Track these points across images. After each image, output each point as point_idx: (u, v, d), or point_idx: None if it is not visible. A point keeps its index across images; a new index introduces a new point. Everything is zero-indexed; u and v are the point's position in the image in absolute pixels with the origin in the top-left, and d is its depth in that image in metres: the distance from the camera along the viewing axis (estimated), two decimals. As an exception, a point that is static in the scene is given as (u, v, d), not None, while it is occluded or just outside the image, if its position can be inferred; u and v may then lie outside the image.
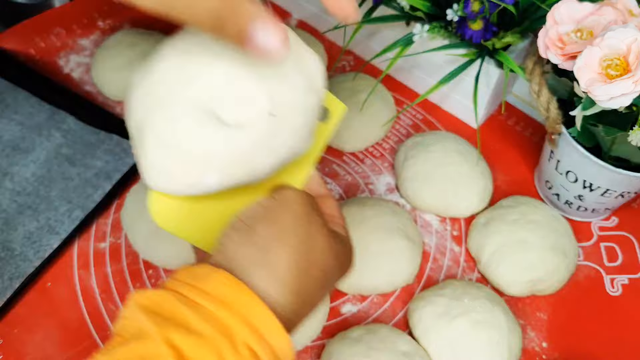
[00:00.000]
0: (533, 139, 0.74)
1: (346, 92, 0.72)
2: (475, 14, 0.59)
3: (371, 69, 0.80)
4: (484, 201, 0.67)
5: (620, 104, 0.48)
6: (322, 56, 0.79)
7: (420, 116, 0.76)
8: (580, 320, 0.60)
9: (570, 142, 0.58)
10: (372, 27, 0.77)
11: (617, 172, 0.56)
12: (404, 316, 0.60)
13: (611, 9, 0.53)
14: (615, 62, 0.49)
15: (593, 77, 0.50)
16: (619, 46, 0.49)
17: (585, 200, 0.63)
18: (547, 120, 0.59)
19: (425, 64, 0.74)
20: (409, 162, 0.67)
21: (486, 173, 0.67)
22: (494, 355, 0.53)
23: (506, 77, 0.62)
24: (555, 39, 0.53)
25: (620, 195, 0.60)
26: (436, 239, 0.65)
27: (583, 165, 0.59)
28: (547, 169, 0.65)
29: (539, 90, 0.59)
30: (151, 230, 0.60)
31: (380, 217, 0.61)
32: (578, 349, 0.58)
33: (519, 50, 0.67)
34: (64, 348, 0.56)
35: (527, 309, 0.61)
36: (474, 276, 0.63)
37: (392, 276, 0.59)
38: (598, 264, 0.64)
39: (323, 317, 0.57)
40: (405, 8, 0.66)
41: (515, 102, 0.78)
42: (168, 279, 0.35)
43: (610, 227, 0.67)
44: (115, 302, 0.59)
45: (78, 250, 0.62)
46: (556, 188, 0.65)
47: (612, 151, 0.56)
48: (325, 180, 0.70)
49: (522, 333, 0.57)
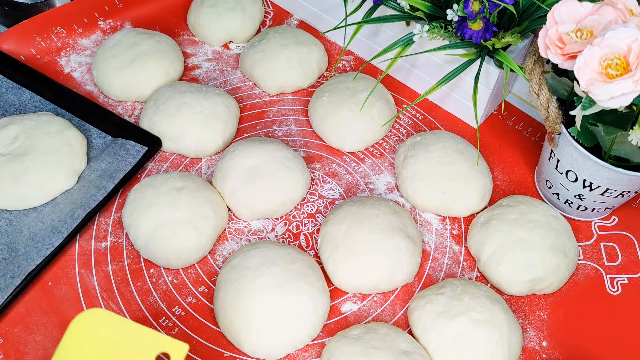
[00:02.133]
0: (533, 138, 0.74)
1: (346, 92, 0.72)
2: (475, 14, 0.59)
3: (371, 69, 0.80)
4: (484, 200, 0.67)
5: (620, 104, 0.48)
6: (322, 56, 0.79)
7: (420, 116, 0.76)
8: (580, 320, 0.60)
9: (570, 142, 0.58)
10: (372, 27, 0.77)
11: (617, 171, 0.57)
12: (404, 315, 0.60)
13: (611, 9, 0.53)
14: (615, 62, 0.49)
15: (593, 76, 0.50)
16: (619, 46, 0.49)
17: (585, 199, 0.63)
18: (546, 119, 0.59)
19: (425, 64, 0.74)
20: (409, 162, 0.67)
21: (486, 172, 0.67)
22: (494, 354, 0.54)
23: (506, 76, 0.62)
24: (555, 39, 0.53)
25: (620, 195, 0.61)
26: (436, 238, 0.65)
27: (583, 164, 0.59)
28: (547, 168, 0.65)
29: (538, 89, 0.59)
30: (152, 229, 0.60)
31: (380, 217, 0.61)
32: (578, 348, 0.58)
33: (519, 50, 0.67)
34: (64, 347, 0.56)
35: (527, 307, 0.61)
36: (474, 275, 0.63)
37: (392, 275, 0.59)
38: (598, 264, 0.64)
39: (323, 315, 0.57)
40: (405, 8, 0.66)
41: (515, 102, 0.78)
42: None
43: (610, 227, 0.67)
44: (116, 302, 0.59)
45: (79, 249, 0.62)
46: (556, 187, 0.65)
47: (612, 151, 0.56)
48: (326, 179, 0.70)
49: (522, 332, 0.57)
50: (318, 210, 0.67)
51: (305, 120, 0.75)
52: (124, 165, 0.66)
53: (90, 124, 0.70)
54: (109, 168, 0.66)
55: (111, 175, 0.65)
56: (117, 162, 0.66)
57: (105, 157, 0.67)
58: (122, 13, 0.83)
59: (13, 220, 0.62)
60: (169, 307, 0.59)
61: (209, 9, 0.81)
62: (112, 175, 0.65)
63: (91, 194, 0.64)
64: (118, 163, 0.66)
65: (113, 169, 0.66)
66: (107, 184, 0.64)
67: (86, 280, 0.60)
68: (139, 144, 0.68)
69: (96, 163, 0.67)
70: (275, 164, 0.65)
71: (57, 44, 0.79)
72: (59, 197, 0.64)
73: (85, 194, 0.64)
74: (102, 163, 0.67)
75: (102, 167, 0.66)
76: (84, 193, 0.64)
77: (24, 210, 0.63)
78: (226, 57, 0.81)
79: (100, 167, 0.66)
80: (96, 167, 0.66)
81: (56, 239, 0.60)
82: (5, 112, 0.71)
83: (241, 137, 0.73)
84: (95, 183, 0.65)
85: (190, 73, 0.79)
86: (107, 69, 0.74)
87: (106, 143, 0.69)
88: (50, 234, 0.61)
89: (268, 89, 0.77)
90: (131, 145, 0.67)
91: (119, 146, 0.68)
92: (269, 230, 0.65)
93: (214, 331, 0.58)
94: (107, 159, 0.67)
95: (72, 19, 0.80)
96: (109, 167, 0.66)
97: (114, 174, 0.65)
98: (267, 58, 0.76)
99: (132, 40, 0.75)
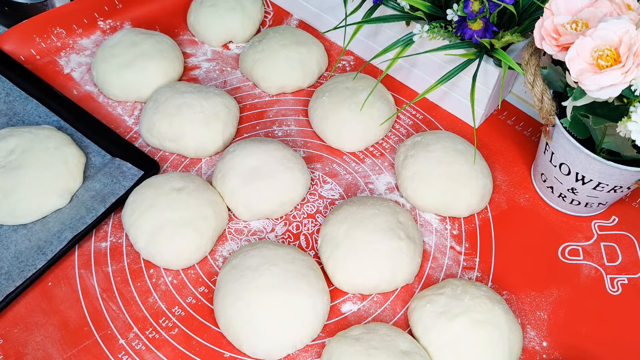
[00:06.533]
0: (533, 138, 0.74)
1: (346, 92, 0.72)
2: (475, 14, 0.59)
3: (371, 69, 0.80)
4: (484, 200, 0.67)
5: (609, 95, 0.49)
6: (322, 56, 0.79)
7: (420, 116, 0.76)
8: (580, 320, 0.60)
9: (564, 134, 0.59)
10: (372, 27, 0.77)
11: (607, 164, 0.57)
12: (404, 315, 0.60)
13: (607, 2, 0.53)
14: (606, 53, 0.49)
15: (584, 67, 0.50)
16: (610, 37, 0.49)
17: (578, 193, 0.63)
18: (540, 111, 0.59)
19: (425, 64, 0.74)
20: (408, 162, 0.67)
21: (486, 172, 0.67)
22: (494, 354, 0.54)
23: (504, 73, 0.62)
24: (551, 30, 0.54)
25: (612, 190, 0.61)
26: (436, 238, 0.65)
27: (575, 157, 0.59)
28: (543, 161, 0.66)
29: (533, 80, 0.59)
30: (152, 230, 0.60)
31: (380, 217, 0.61)
32: (578, 348, 0.58)
33: (519, 50, 0.67)
34: (64, 348, 0.56)
35: (527, 308, 0.61)
36: (474, 275, 0.63)
37: (392, 275, 0.59)
38: (598, 264, 0.64)
39: (323, 316, 0.57)
40: (405, 8, 0.66)
41: (515, 101, 0.78)
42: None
43: (611, 227, 0.67)
44: (116, 302, 0.59)
45: (79, 249, 0.62)
46: (550, 181, 0.65)
47: (604, 143, 0.57)
48: (326, 179, 0.70)
49: (522, 332, 0.57)
50: (318, 211, 0.67)
51: (305, 120, 0.75)
52: (118, 188, 0.65)
53: (91, 141, 0.70)
54: (103, 190, 0.65)
55: (103, 198, 0.64)
56: (111, 185, 0.65)
57: (100, 178, 0.66)
58: (121, 13, 0.83)
59: (2, 235, 0.61)
60: (169, 308, 0.59)
61: (209, 9, 0.81)
62: (104, 198, 0.64)
63: (81, 215, 0.63)
64: (112, 185, 0.65)
65: (107, 191, 0.65)
66: (98, 207, 0.63)
67: (86, 281, 0.60)
68: (136, 166, 0.67)
69: (91, 183, 0.66)
70: (275, 164, 0.65)
71: (56, 44, 0.79)
72: (49, 215, 0.63)
73: (75, 215, 0.63)
74: (97, 183, 0.66)
75: (96, 188, 0.65)
76: (74, 214, 0.63)
77: (13, 226, 0.62)
78: (226, 57, 0.81)
79: (95, 188, 0.65)
80: (90, 187, 0.65)
81: (39, 260, 0.59)
82: (10, 120, 0.70)
83: (241, 137, 0.73)
84: (87, 204, 0.63)
85: (190, 73, 0.79)
86: (107, 69, 0.73)
87: (104, 162, 0.68)
88: (35, 254, 0.60)
89: (268, 89, 0.77)
90: (128, 168, 0.66)
91: (116, 167, 0.67)
92: (269, 231, 0.65)
93: (214, 331, 0.58)
94: (102, 180, 0.66)
95: (72, 19, 0.80)
96: (103, 188, 0.65)
97: (106, 197, 0.64)
98: (267, 58, 0.76)
99: (131, 40, 0.75)
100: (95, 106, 0.74)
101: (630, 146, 0.55)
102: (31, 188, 0.62)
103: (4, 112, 0.71)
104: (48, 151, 0.64)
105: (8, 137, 0.65)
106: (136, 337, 0.57)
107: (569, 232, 0.67)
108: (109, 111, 0.74)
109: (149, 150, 0.71)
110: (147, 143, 0.71)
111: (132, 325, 0.57)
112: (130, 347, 0.56)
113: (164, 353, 0.56)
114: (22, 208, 0.62)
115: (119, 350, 0.56)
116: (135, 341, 0.57)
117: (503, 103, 0.78)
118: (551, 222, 0.67)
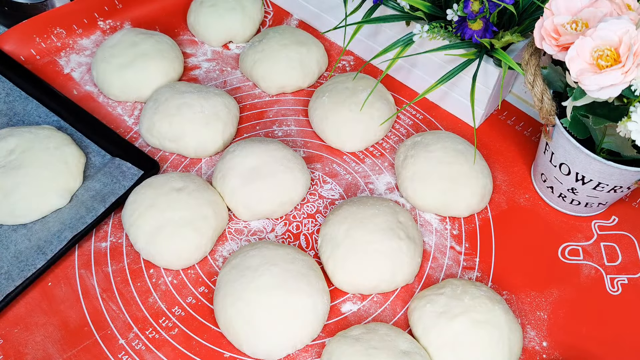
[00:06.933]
0: (533, 138, 0.74)
1: (346, 92, 0.72)
2: (475, 14, 0.59)
3: (371, 69, 0.80)
4: (484, 200, 0.67)
5: (609, 95, 0.49)
6: (322, 56, 0.79)
7: (420, 116, 0.76)
8: (580, 320, 0.60)
9: (563, 134, 0.59)
10: (372, 27, 0.77)
11: (606, 164, 0.57)
12: (404, 315, 0.60)
13: (607, 2, 0.53)
14: (606, 53, 0.49)
15: (584, 67, 0.50)
16: (610, 37, 0.49)
17: (578, 193, 0.63)
18: (540, 110, 0.59)
19: (425, 64, 0.74)
20: (408, 162, 0.67)
21: (486, 172, 0.67)
22: (494, 354, 0.54)
23: (504, 73, 0.62)
24: (551, 30, 0.54)
25: (612, 190, 0.61)
26: (436, 238, 0.65)
27: (575, 157, 0.59)
28: (542, 161, 0.66)
29: (533, 80, 0.59)
30: (152, 230, 0.60)
31: (380, 217, 0.61)
32: (578, 348, 0.58)
33: (519, 50, 0.67)
34: (64, 348, 0.56)
35: (527, 308, 0.61)
36: (474, 275, 0.63)
37: (393, 275, 0.59)
38: (598, 264, 0.64)
39: (323, 316, 0.57)
40: (405, 8, 0.66)
41: (516, 102, 0.78)
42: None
43: (611, 227, 0.67)
44: (116, 302, 0.59)
45: (79, 249, 0.62)
46: (550, 181, 0.65)
47: (604, 143, 0.57)
48: (326, 180, 0.70)
49: (522, 332, 0.57)
50: (318, 211, 0.67)
51: (305, 120, 0.75)
52: (118, 188, 0.65)
53: (91, 141, 0.70)
54: (103, 190, 0.65)
55: (103, 198, 0.64)
56: (111, 184, 0.65)
57: (100, 178, 0.66)
58: (121, 13, 0.83)
59: (2, 235, 0.61)
60: (169, 308, 0.59)
61: (209, 9, 0.81)
62: (104, 198, 0.64)
63: (81, 215, 0.63)
64: (112, 185, 0.65)
65: (107, 191, 0.65)
66: (98, 207, 0.63)
67: (86, 281, 0.60)
68: (136, 166, 0.67)
69: (91, 182, 0.66)
70: (275, 164, 0.65)
71: (56, 45, 0.79)
72: (49, 215, 0.63)
73: (75, 215, 0.63)
74: (96, 183, 0.65)
75: (96, 188, 0.65)
76: (74, 214, 0.63)
77: (13, 225, 0.62)
78: (226, 57, 0.81)
79: (95, 188, 0.65)
80: (90, 187, 0.65)
81: (39, 260, 0.59)
82: (10, 120, 0.70)
83: (241, 137, 0.73)
84: (87, 204, 0.63)
85: (190, 73, 0.79)
86: (107, 69, 0.73)
87: (104, 162, 0.68)
88: (35, 254, 0.60)
89: (268, 89, 0.77)
90: (127, 168, 0.66)
91: (116, 167, 0.67)
92: (269, 231, 0.65)
93: (214, 331, 0.58)
94: (102, 180, 0.66)
95: (72, 19, 0.80)
96: (103, 188, 0.65)
97: (106, 196, 0.64)
98: (267, 58, 0.76)
99: (131, 40, 0.75)
100: (95, 106, 0.74)
101: (630, 146, 0.55)
102: (31, 188, 0.62)
103: (4, 112, 0.71)
104: (48, 151, 0.64)
105: (8, 137, 0.65)
106: (136, 337, 0.57)
107: (569, 232, 0.67)
108: (109, 111, 0.74)
109: (149, 150, 0.71)
110: (147, 143, 0.71)
111: (132, 325, 0.57)
112: (130, 347, 0.56)
113: (164, 353, 0.56)
114: (22, 208, 0.61)
115: (119, 350, 0.56)
116: (135, 341, 0.57)
117: (503, 103, 0.78)
118: (551, 222, 0.67)
